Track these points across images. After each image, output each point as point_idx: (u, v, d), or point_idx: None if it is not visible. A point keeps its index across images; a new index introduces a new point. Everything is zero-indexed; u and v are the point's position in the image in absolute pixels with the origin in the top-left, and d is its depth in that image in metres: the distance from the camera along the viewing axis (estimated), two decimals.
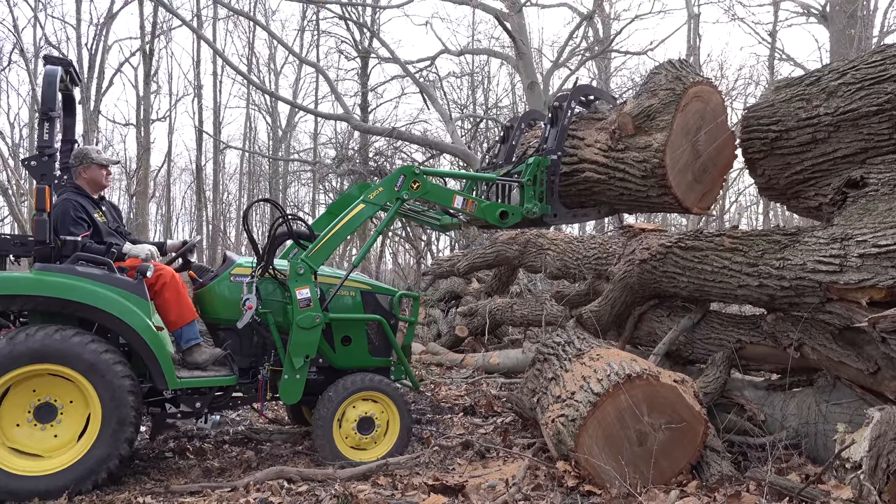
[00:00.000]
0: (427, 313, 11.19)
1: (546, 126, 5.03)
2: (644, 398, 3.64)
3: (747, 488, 3.45)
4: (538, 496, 3.56)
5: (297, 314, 4.32)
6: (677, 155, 4.37)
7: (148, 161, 25.24)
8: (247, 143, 30.94)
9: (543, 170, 4.80)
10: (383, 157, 16.82)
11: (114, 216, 4.79)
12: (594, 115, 5.03)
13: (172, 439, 5.24)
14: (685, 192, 4.46)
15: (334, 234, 4.48)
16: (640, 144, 4.47)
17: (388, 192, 4.59)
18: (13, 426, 3.84)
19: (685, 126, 4.41)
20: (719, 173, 4.61)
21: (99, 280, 4.02)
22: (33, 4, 23.46)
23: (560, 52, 17.64)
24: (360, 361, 4.76)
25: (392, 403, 4.58)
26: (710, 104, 4.50)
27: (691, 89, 4.42)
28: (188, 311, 4.40)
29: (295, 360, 4.36)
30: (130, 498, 3.80)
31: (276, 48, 29.02)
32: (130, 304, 4.03)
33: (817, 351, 3.99)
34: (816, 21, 17.58)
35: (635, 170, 4.49)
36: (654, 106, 4.48)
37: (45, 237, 4.02)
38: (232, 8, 21.27)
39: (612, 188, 4.73)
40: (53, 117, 4.01)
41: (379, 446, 4.57)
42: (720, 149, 4.55)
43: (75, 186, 4.56)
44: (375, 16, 21.28)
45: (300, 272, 4.35)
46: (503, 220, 4.82)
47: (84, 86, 22.73)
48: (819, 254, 3.73)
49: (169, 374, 4.10)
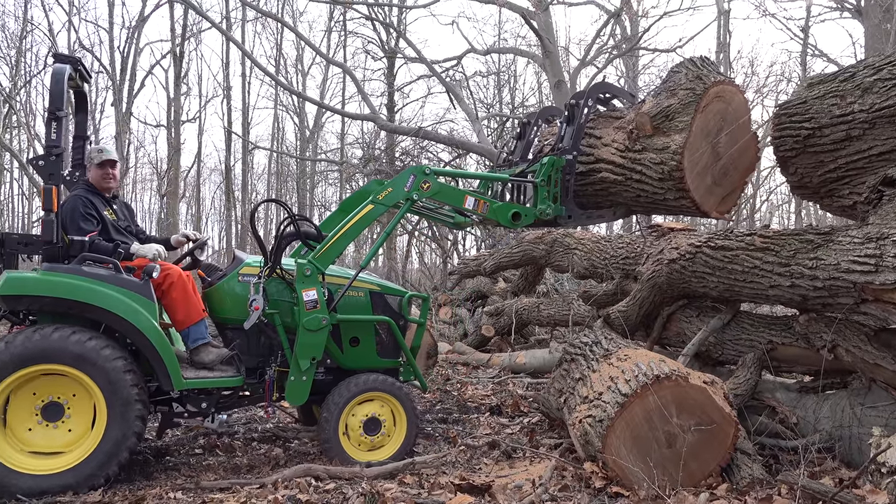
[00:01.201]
0: (453, 313, 11.19)
1: (562, 124, 4.94)
2: (673, 399, 3.60)
3: (779, 492, 3.39)
4: (565, 497, 3.54)
5: (304, 316, 4.30)
6: (696, 157, 4.27)
7: (178, 162, 25.68)
8: (275, 144, 31.27)
9: (558, 170, 4.72)
10: (410, 157, 16.87)
11: (125, 214, 4.79)
12: (612, 113, 4.95)
13: (202, 436, 5.32)
14: (704, 196, 4.37)
15: (342, 235, 4.45)
16: (657, 146, 4.38)
17: (398, 192, 4.54)
18: (26, 431, 3.88)
19: (705, 127, 4.31)
20: (740, 176, 4.50)
21: (105, 280, 4.01)
22: (67, 9, 24.00)
23: (587, 50, 17.55)
24: (369, 362, 4.71)
25: (398, 404, 4.53)
26: (733, 104, 4.39)
27: (712, 89, 4.31)
28: (195, 311, 4.39)
29: (301, 362, 4.33)
30: (161, 493, 3.86)
31: (303, 49, 29.32)
32: (136, 304, 4.02)
33: (852, 353, 3.91)
34: (850, 16, 17.24)
35: (652, 172, 4.41)
36: (673, 106, 4.39)
37: (52, 237, 4.03)
38: (260, 10, 21.52)
39: (628, 189, 4.65)
40: (61, 117, 4.01)
41: (385, 447, 4.52)
42: (742, 151, 4.43)
43: (87, 183, 4.57)
44: (402, 16, 21.37)
45: (307, 274, 4.32)
46: (515, 221, 4.75)
47: (116, 88, 23.18)
48: (854, 253, 3.66)
49: (174, 374, 4.09)
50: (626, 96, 5.09)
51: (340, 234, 4.44)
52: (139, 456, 4.74)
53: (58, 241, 4.07)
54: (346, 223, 4.48)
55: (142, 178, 33.13)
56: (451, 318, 11.07)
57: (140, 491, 3.92)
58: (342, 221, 4.54)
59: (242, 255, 4.86)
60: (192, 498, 3.78)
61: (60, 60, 4.21)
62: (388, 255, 20.35)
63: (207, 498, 3.74)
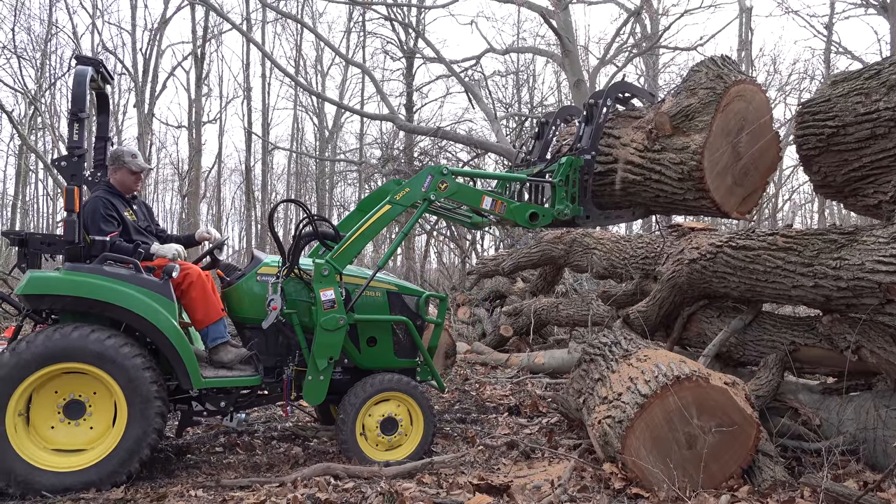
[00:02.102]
0: (472, 313, 11.19)
1: (581, 124, 4.92)
2: (693, 400, 3.57)
3: (801, 494, 3.36)
4: (584, 498, 3.53)
5: (321, 316, 4.30)
6: (716, 157, 4.22)
7: (199, 162, 25.90)
8: (294, 144, 31.48)
9: (576, 170, 4.70)
10: (428, 157, 16.88)
11: (144, 215, 4.83)
12: (631, 113, 4.92)
13: (223, 435, 5.37)
14: (724, 196, 4.31)
15: (360, 235, 4.45)
16: (677, 146, 4.34)
17: (415, 192, 4.54)
18: (49, 429, 3.95)
19: (725, 127, 4.26)
20: (762, 176, 4.43)
21: (125, 280, 4.06)
22: (91, 11, 24.32)
23: (607, 48, 17.43)
24: (386, 362, 4.72)
25: (415, 404, 4.54)
26: (753, 103, 4.33)
27: (733, 88, 4.26)
28: (214, 310, 4.43)
29: (319, 362, 4.34)
30: (183, 491, 3.90)
31: (322, 50, 29.45)
32: (156, 303, 4.07)
33: (876, 354, 3.85)
34: (876, 12, 16.96)
35: (672, 172, 4.36)
36: (693, 105, 4.34)
37: (75, 237, 4.08)
38: (280, 11, 21.62)
39: (647, 190, 4.61)
40: (83, 118, 4.05)
41: (402, 447, 4.53)
42: (763, 150, 4.37)
43: (108, 185, 4.60)
44: (421, 16, 21.39)
45: (324, 273, 4.32)
46: (533, 221, 4.72)
47: (138, 90, 23.45)
48: (878, 253, 3.61)
49: (193, 373, 4.14)
50: (646, 96, 5.05)
51: (358, 234, 4.45)
52: (161, 454, 4.80)
53: (80, 241, 4.12)
54: (363, 223, 4.49)
55: (163, 178, 33.52)
56: (470, 318, 11.07)
57: (162, 488, 3.97)
58: (360, 221, 4.55)
59: (261, 254, 4.89)
60: (212, 496, 3.82)
61: (83, 62, 4.26)
62: (407, 254, 20.41)
63: (228, 496, 3.78)
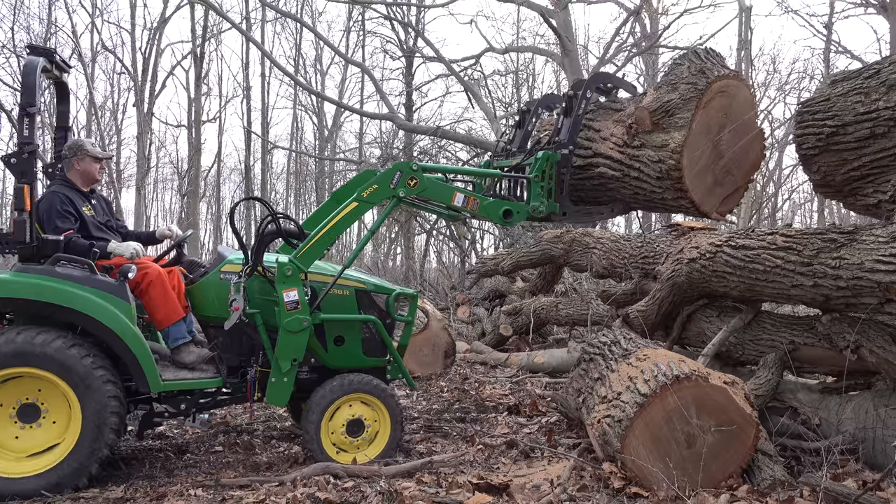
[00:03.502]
0: (471, 312, 11.19)
1: (559, 116, 4.75)
2: (693, 400, 3.57)
3: (801, 493, 3.36)
4: (584, 497, 3.53)
5: (285, 317, 4.17)
6: (696, 156, 4.09)
7: (198, 161, 25.93)
8: (294, 143, 31.48)
9: (553, 165, 4.54)
10: (428, 157, 16.88)
11: (104, 209, 4.67)
12: (613, 105, 4.75)
13: (222, 434, 5.37)
14: (703, 196, 4.20)
15: (325, 233, 4.31)
16: (656, 142, 4.21)
17: (384, 189, 4.38)
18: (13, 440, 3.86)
19: (707, 124, 4.12)
20: (744, 175, 4.31)
21: (78, 281, 3.91)
22: (90, 10, 24.30)
23: (606, 48, 17.41)
24: (354, 361, 4.58)
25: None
26: (737, 99, 4.19)
27: (715, 84, 4.12)
28: (175, 310, 4.29)
29: (282, 364, 4.23)
30: (182, 490, 3.90)
31: (322, 49, 29.45)
32: (110, 305, 3.91)
33: (876, 353, 3.86)
34: (875, 12, 16.96)
35: (650, 170, 4.24)
36: (674, 101, 4.18)
37: (25, 237, 3.91)
38: (279, 10, 21.63)
39: (626, 186, 4.48)
40: (33, 112, 3.87)
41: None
42: (746, 148, 4.23)
43: (64, 179, 4.43)
44: (420, 15, 21.36)
45: (288, 274, 4.18)
46: (507, 219, 4.56)
47: (138, 89, 23.43)
48: (878, 253, 3.61)
49: (151, 376, 4.00)
50: (628, 87, 4.85)
51: (322, 233, 4.30)
52: (160, 453, 4.80)
53: (32, 240, 3.95)
54: (328, 222, 4.33)
55: (163, 177, 33.55)
56: (469, 318, 11.07)
57: (161, 487, 3.97)
58: (325, 220, 4.39)
59: (225, 251, 4.74)
60: (212, 495, 3.82)
61: (34, 52, 4.05)
62: (407, 254, 20.40)
63: (227, 495, 3.77)
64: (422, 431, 5.34)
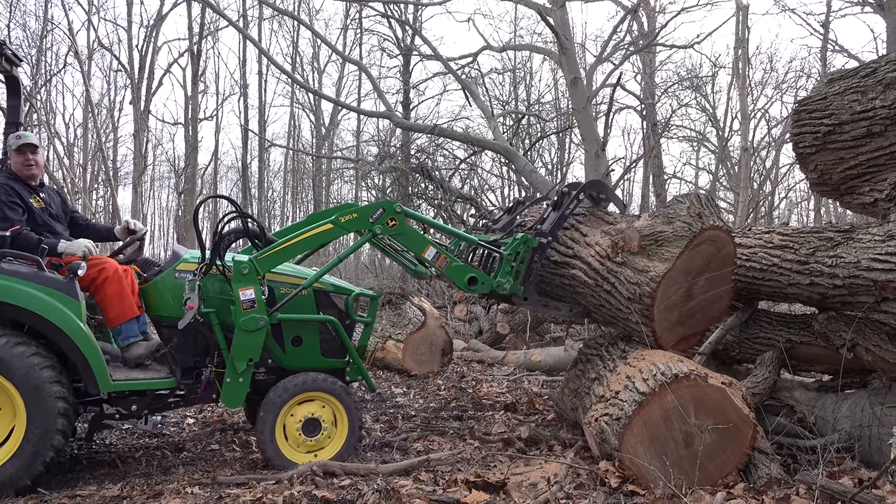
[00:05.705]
0: (469, 310, 11.19)
1: (548, 207, 4.89)
2: (691, 399, 3.57)
3: (797, 492, 3.36)
4: (580, 495, 3.53)
5: (240, 316, 4.07)
6: (671, 291, 4.19)
7: (195, 159, 25.86)
8: (291, 141, 31.40)
9: (528, 249, 4.60)
10: (425, 155, 16.86)
11: (55, 202, 4.55)
12: (605, 216, 4.87)
13: (219, 431, 5.36)
14: (665, 330, 4.27)
15: (291, 245, 4.26)
16: (638, 266, 4.28)
17: (362, 221, 4.39)
18: None
19: (689, 265, 4.22)
20: (705, 323, 4.41)
21: (25, 278, 3.78)
22: (87, 8, 24.24)
23: (603, 46, 17.41)
24: (312, 362, 4.48)
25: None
26: (722, 252, 4.29)
27: (708, 231, 4.24)
28: (129, 308, 4.17)
29: (238, 364, 4.13)
30: (179, 488, 3.89)
31: (319, 47, 29.41)
32: (58, 303, 3.79)
33: (872, 352, 3.87)
34: (872, 11, 17.00)
35: (624, 289, 4.31)
36: (666, 234, 4.31)
37: None
38: (277, 8, 21.59)
39: (595, 296, 4.55)
40: None
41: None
42: (714, 300, 4.35)
43: (10, 171, 4.37)
44: (417, 13, 21.34)
45: (244, 272, 4.09)
46: (471, 286, 4.54)
47: (134, 86, 23.36)
48: (874, 251, 3.62)
49: (101, 376, 3.88)
50: (618, 203, 5.03)
51: (290, 243, 4.25)
52: (157, 451, 4.80)
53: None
54: (299, 234, 4.30)
55: (159, 175, 33.51)
56: (467, 316, 11.07)
57: (158, 485, 3.96)
58: (298, 231, 4.37)
59: (181, 250, 4.65)
60: (208, 493, 3.81)
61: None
62: None
63: (224, 493, 3.76)
64: (419, 429, 5.34)
